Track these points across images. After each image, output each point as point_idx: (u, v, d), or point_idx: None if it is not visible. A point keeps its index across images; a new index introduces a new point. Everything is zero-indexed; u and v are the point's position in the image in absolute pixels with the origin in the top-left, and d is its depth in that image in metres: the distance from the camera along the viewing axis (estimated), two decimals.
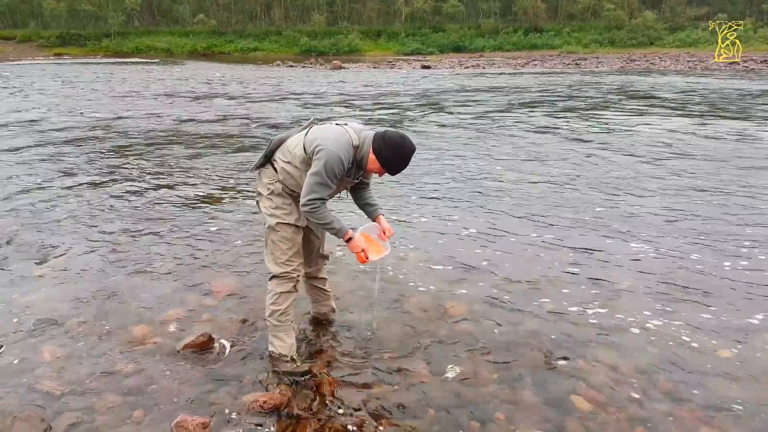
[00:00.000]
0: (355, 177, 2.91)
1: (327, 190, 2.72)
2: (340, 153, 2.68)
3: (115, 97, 18.90)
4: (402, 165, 2.78)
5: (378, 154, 2.74)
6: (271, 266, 2.98)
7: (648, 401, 2.76)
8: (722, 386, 2.88)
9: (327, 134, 2.75)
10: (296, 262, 2.98)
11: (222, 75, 31.70)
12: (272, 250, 2.97)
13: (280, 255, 2.95)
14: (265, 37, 78.76)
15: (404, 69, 40.36)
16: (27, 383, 2.88)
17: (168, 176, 7.59)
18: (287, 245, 2.94)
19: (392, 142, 2.73)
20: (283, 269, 2.95)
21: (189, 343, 3.19)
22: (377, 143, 2.74)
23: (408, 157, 2.77)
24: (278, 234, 2.92)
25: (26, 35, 79.35)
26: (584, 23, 74.01)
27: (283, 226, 2.91)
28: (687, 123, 11.97)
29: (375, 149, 2.75)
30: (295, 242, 2.97)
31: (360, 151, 2.78)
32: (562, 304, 3.78)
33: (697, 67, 36.12)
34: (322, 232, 3.21)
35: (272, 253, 2.97)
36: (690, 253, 4.68)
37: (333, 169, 2.67)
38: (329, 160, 2.66)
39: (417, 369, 3.03)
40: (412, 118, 13.61)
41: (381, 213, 3.12)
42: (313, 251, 3.25)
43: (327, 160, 2.66)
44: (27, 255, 4.72)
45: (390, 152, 2.73)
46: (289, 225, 2.92)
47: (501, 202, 6.26)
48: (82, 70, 37.70)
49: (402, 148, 2.74)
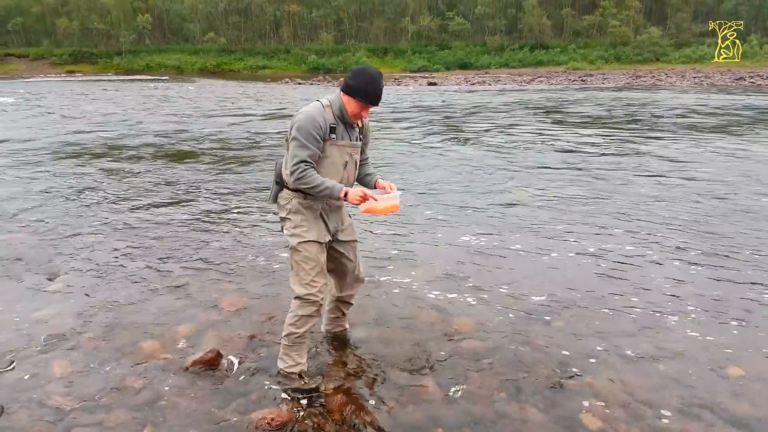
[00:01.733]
0: (354, 138, 2.93)
1: (307, 150, 2.75)
2: (311, 113, 2.76)
3: (125, 114, 19.11)
4: (372, 86, 2.78)
5: (347, 90, 2.80)
6: (296, 287, 2.96)
7: (659, 419, 2.73)
8: (733, 404, 2.86)
9: (301, 108, 2.87)
10: (320, 283, 2.96)
11: (240, 92, 32.01)
12: (297, 271, 2.96)
13: (304, 275, 2.94)
14: (273, 55, 79.88)
15: (411, 86, 40.65)
16: (38, 399, 2.90)
17: (178, 192, 7.65)
18: (310, 265, 2.93)
19: (356, 74, 2.80)
20: (307, 290, 2.92)
21: (197, 360, 3.20)
22: (343, 85, 2.82)
23: (375, 77, 2.79)
24: (300, 254, 2.93)
25: (39, 53, 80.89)
26: (590, 40, 74.41)
27: (304, 246, 2.91)
28: (708, 140, 11.97)
29: (343, 90, 2.81)
30: (319, 262, 2.96)
31: (334, 107, 2.84)
32: (570, 321, 3.77)
33: (703, 83, 36.15)
34: (354, 254, 3.21)
35: (297, 274, 2.96)
36: (701, 272, 4.66)
37: (307, 128, 2.73)
38: (302, 122, 2.74)
39: (425, 386, 3.03)
40: (421, 133, 13.67)
41: (379, 177, 3.13)
42: (348, 274, 3.25)
43: (300, 124, 2.74)
44: (38, 270, 4.77)
45: (356, 80, 2.77)
46: (311, 243, 2.92)
47: (509, 218, 6.26)
48: (93, 87, 38.20)
49: (365, 72, 2.80)
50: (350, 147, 2.93)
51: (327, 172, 2.84)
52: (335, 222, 3.05)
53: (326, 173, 2.83)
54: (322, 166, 2.84)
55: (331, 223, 3.02)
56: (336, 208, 3.04)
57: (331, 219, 3.01)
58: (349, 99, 2.80)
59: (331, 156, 2.85)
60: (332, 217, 3.02)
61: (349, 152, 2.93)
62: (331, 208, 2.99)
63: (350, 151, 2.93)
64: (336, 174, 2.87)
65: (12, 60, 79.20)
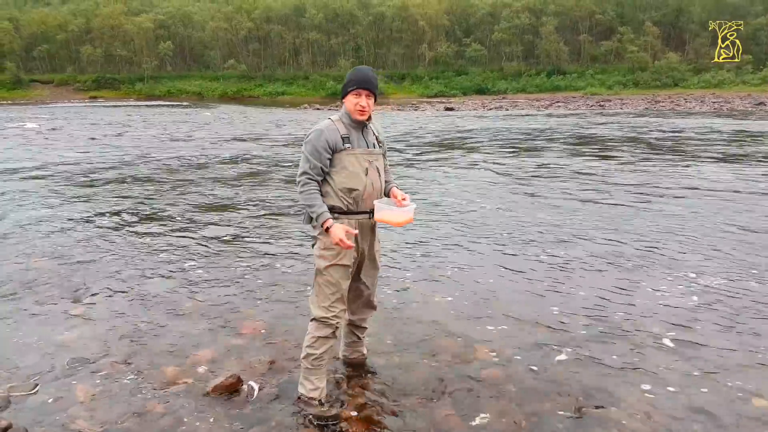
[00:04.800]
0: (371, 144, 3.01)
1: (308, 163, 2.88)
2: (319, 128, 2.91)
3: (149, 139, 19.49)
4: (358, 73, 2.94)
5: (342, 94, 2.96)
6: (314, 309, 3.01)
7: None
8: None
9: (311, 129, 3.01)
10: (338, 308, 3.00)
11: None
12: (317, 293, 3.01)
13: (323, 299, 2.98)
14: (293, 82, 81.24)
15: (428, 111, 40.95)
16: (61, 422, 2.94)
17: (199, 217, 7.75)
18: (331, 290, 2.97)
19: (348, 75, 2.96)
20: (324, 313, 2.97)
21: (218, 385, 3.22)
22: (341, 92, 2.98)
23: (360, 68, 2.97)
24: (324, 278, 2.96)
25: (64, 79, 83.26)
26: (607, 65, 74.52)
27: (329, 270, 2.94)
28: (726, 167, 11.86)
29: (342, 94, 2.97)
30: (340, 288, 2.99)
31: (342, 117, 2.97)
32: (593, 350, 3.73)
33: (723, 108, 35.88)
34: (373, 282, 3.25)
35: (317, 296, 3.00)
36: (726, 297, 4.59)
37: (312, 142, 2.87)
38: (309, 137, 2.90)
39: (445, 415, 3.01)
40: (437, 158, 13.73)
41: (394, 185, 3.15)
42: (361, 299, 3.28)
43: (307, 139, 2.91)
44: (61, 294, 4.84)
45: (348, 77, 2.94)
46: (336, 267, 2.94)
47: (530, 244, 6.24)
48: (114, 111, 39.05)
49: (355, 69, 2.98)
50: (368, 154, 2.97)
51: (349, 181, 2.89)
52: (366, 242, 3.07)
53: (348, 183, 2.89)
54: (342, 176, 2.89)
55: (362, 242, 3.04)
56: (369, 228, 3.05)
57: (362, 238, 3.03)
58: (346, 98, 2.94)
59: (349, 165, 2.90)
60: (364, 237, 3.04)
61: (368, 159, 2.96)
62: (363, 227, 3.01)
63: (369, 158, 2.97)
64: (358, 182, 2.90)
65: (37, 86, 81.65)
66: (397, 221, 2.95)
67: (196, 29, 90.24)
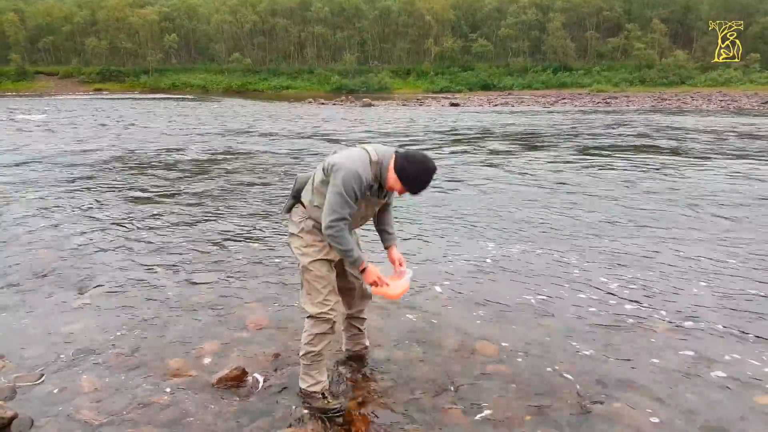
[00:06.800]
0: (381, 196, 2.90)
1: (348, 208, 2.68)
2: (356, 168, 2.65)
3: (153, 132, 19.51)
4: (424, 184, 2.75)
5: (400, 172, 2.71)
6: (308, 306, 2.97)
7: None
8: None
9: (342, 153, 2.78)
10: (333, 301, 2.98)
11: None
12: (308, 290, 2.97)
13: (316, 295, 2.95)
14: (297, 76, 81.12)
15: (433, 106, 40.91)
16: (66, 412, 2.95)
17: (205, 210, 7.76)
18: (322, 284, 2.95)
19: (414, 160, 2.71)
20: (319, 309, 2.93)
21: (223, 377, 3.23)
22: (399, 161, 2.71)
23: (430, 176, 2.74)
24: (312, 273, 2.94)
25: (68, 71, 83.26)
26: (614, 62, 74.22)
27: (315, 264, 2.92)
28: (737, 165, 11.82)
29: (397, 167, 2.71)
30: (330, 280, 2.98)
31: (380, 167, 2.74)
32: (598, 346, 3.72)
33: (729, 106, 35.69)
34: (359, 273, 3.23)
35: (308, 293, 2.97)
36: (735, 297, 4.57)
37: (351, 184, 2.63)
38: (346, 175, 2.63)
39: (449, 409, 3.01)
40: (441, 152, 13.70)
41: (394, 243, 3.14)
42: (355, 291, 3.27)
43: (344, 176, 2.63)
44: (67, 286, 4.86)
45: (413, 170, 2.69)
46: (321, 261, 2.93)
47: (533, 239, 6.22)
48: (120, 104, 39.10)
49: (424, 165, 2.72)
50: (376, 200, 2.93)
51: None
52: None
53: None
54: None
55: None
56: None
57: None
58: (396, 178, 2.74)
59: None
60: None
61: (374, 203, 2.94)
62: None
63: (375, 203, 2.94)
64: (354, 216, 2.82)
65: (41, 78, 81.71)
66: (392, 294, 3.01)
67: (201, 22, 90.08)
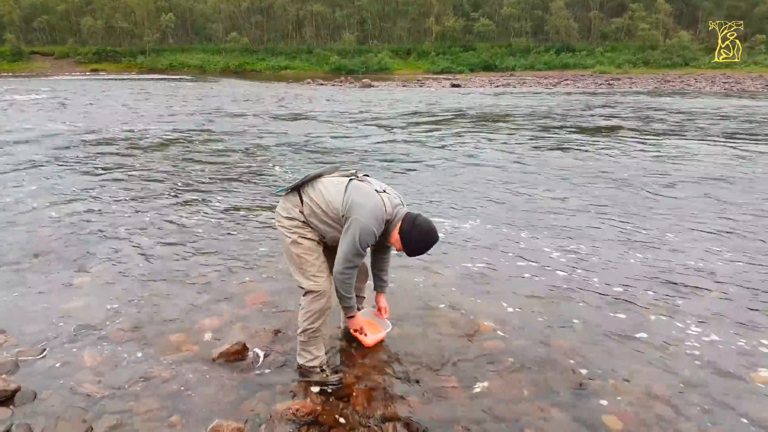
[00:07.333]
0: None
1: (360, 258, 2.87)
2: (372, 227, 2.80)
3: (151, 113, 19.43)
4: (422, 251, 2.94)
5: (404, 236, 2.87)
6: (303, 281, 2.97)
7: (681, 422, 2.72)
8: (756, 409, 2.83)
9: (365, 203, 2.83)
10: (326, 273, 3.00)
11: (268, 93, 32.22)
12: (300, 264, 2.96)
13: (308, 267, 2.95)
14: (296, 56, 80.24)
15: (433, 87, 40.62)
16: (69, 386, 2.99)
17: (203, 189, 7.76)
18: (313, 255, 2.96)
19: (419, 228, 2.86)
20: (314, 282, 2.94)
21: (224, 352, 3.26)
22: (407, 225, 2.87)
23: (430, 246, 2.91)
24: (302, 246, 2.94)
25: (64, 51, 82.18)
26: (618, 43, 73.46)
27: (304, 239, 2.95)
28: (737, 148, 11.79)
29: (402, 230, 2.87)
30: (320, 251, 3.00)
31: (389, 224, 2.91)
32: (594, 323, 3.76)
33: (733, 89, 35.46)
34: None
35: (301, 267, 2.96)
36: (731, 275, 4.60)
37: (366, 240, 2.82)
38: (362, 232, 2.78)
39: (446, 384, 3.05)
40: (440, 136, 13.67)
41: (384, 291, 3.38)
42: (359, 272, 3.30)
43: (361, 233, 2.78)
44: (67, 264, 4.88)
45: (416, 235, 2.86)
46: (304, 238, 2.96)
47: (534, 219, 6.24)
48: (116, 85, 38.87)
49: (427, 235, 2.88)
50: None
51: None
52: None
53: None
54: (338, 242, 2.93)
55: None
56: None
57: None
58: (398, 239, 2.90)
59: None
60: None
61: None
62: None
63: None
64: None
65: (37, 58, 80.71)
66: (367, 342, 3.33)
67: (198, 1, 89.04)
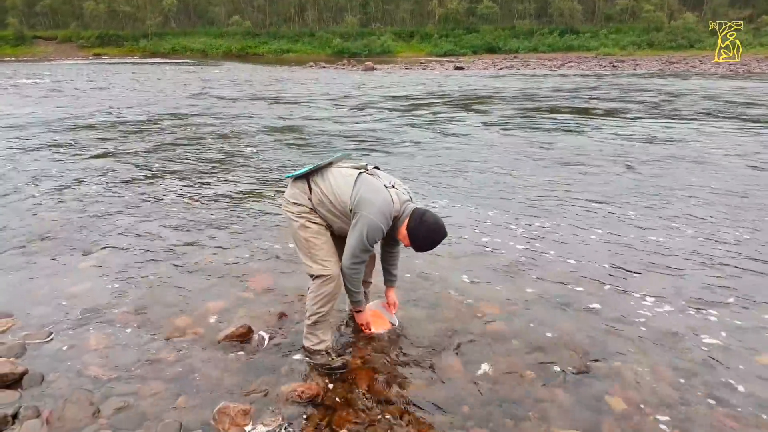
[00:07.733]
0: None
1: (367, 254, 2.90)
2: (380, 224, 2.80)
3: (155, 97, 19.37)
4: (429, 247, 2.92)
5: (412, 232, 2.85)
6: (312, 265, 2.94)
7: (686, 403, 2.73)
8: (762, 391, 2.84)
9: (374, 199, 2.81)
10: (335, 257, 2.98)
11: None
12: (308, 248, 2.94)
13: (317, 251, 2.92)
14: (298, 39, 79.59)
15: (437, 70, 40.35)
16: (76, 368, 3.01)
17: (209, 174, 7.76)
18: (322, 239, 2.95)
19: (427, 224, 2.83)
20: (323, 266, 2.91)
21: (229, 334, 3.28)
22: (414, 221, 2.84)
23: (438, 242, 2.88)
24: (310, 231, 2.93)
25: (67, 36, 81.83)
26: (622, 25, 72.61)
27: (307, 224, 2.94)
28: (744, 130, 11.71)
29: (410, 226, 2.85)
30: (328, 236, 3.00)
31: (397, 220, 2.90)
32: (598, 305, 3.76)
33: (739, 70, 35.10)
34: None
35: (309, 252, 2.94)
36: (734, 258, 4.59)
37: (374, 237, 2.83)
38: (370, 229, 2.79)
39: (451, 366, 3.06)
40: (444, 119, 13.60)
41: (393, 286, 3.39)
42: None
43: (369, 229, 2.79)
44: (73, 247, 4.90)
45: (423, 231, 2.84)
46: (311, 222, 2.95)
47: (537, 202, 6.22)
48: (118, 69, 38.70)
49: (435, 232, 2.85)
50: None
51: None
52: None
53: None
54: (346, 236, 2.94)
55: None
56: None
57: None
58: (406, 235, 2.88)
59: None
60: None
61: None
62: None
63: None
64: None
65: (40, 42, 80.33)
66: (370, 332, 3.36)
67: None
